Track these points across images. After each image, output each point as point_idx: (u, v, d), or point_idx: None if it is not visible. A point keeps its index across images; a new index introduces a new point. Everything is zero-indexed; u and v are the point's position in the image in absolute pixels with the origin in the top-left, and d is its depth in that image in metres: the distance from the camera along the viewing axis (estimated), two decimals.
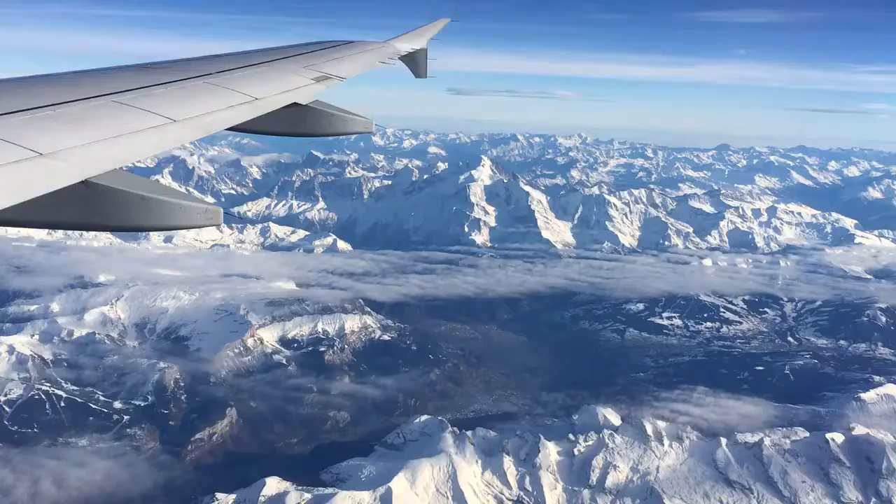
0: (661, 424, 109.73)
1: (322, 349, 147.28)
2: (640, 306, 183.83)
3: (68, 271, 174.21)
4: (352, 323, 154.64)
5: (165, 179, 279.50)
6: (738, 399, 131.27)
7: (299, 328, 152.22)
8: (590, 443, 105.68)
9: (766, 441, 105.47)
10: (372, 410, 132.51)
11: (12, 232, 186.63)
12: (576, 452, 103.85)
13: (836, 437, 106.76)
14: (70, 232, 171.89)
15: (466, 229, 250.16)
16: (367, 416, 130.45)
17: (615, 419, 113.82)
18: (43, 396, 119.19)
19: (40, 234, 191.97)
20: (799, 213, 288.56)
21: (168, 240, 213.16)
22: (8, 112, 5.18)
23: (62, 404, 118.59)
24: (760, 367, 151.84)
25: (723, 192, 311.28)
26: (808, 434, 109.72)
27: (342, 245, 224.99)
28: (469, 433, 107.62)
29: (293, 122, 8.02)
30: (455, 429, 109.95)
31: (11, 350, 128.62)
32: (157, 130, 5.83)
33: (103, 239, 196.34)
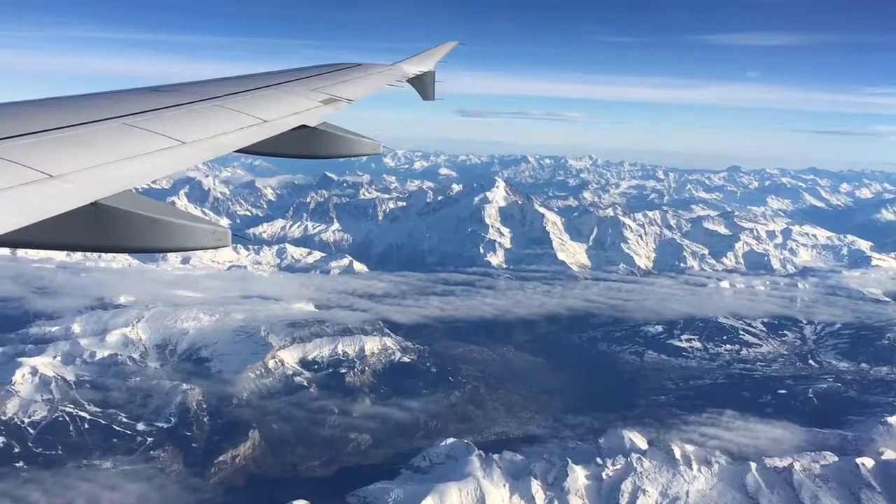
0: (689, 448, 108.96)
1: (342, 371, 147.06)
2: (659, 328, 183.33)
3: (89, 292, 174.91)
4: (372, 345, 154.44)
5: (181, 201, 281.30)
6: (768, 423, 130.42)
7: (319, 350, 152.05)
8: (618, 467, 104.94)
9: (796, 466, 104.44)
10: (393, 433, 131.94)
11: (32, 253, 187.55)
12: (604, 476, 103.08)
13: (866, 462, 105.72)
14: (88, 253, 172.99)
15: (482, 251, 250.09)
16: (389, 439, 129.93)
17: (641, 443, 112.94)
18: (67, 418, 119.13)
19: (60, 256, 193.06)
20: (814, 235, 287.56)
21: (186, 261, 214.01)
22: (19, 134, 5.18)
23: (86, 426, 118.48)
24: (783, 391, 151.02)
25: (736, 213, 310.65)
26: (836, 459, 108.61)
27: (358, 266, 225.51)
28: (496, 456, 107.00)
29: (301, 143, 8.04)
30: (481, 452, 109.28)
31: (35, 372, 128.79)
32: (167, 152, 5.85)
33: (122, 260, 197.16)
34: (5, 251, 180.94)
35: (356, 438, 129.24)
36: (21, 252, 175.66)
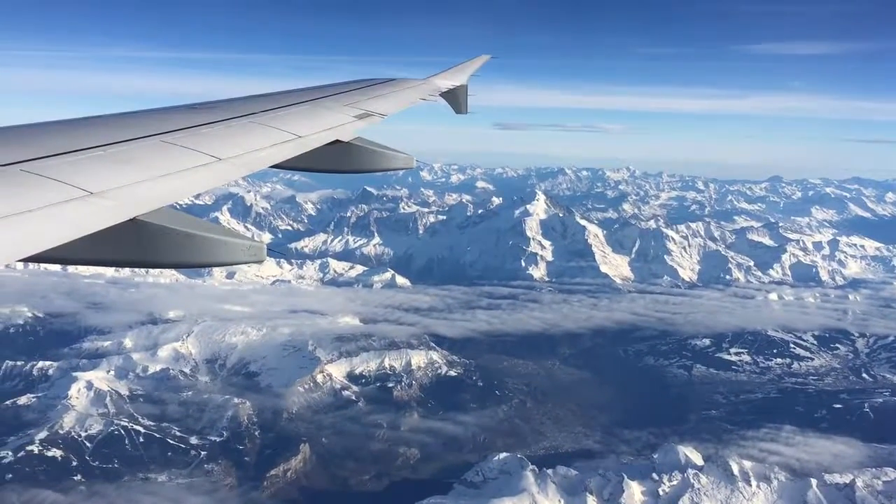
0: (748, 464, 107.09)
1: (390, 385, 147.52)
2: (707, 342, 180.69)
3: (139, 307, 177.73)
4: (418, 359, 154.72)
5: (224, 216, 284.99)
6: (828, 438, 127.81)
7: (366, 364, 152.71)
8: (674, 482, 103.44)
9: (858, 482, 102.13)
10: (442, 447, 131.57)
11: (83, 269, 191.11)
12: (660, 493, 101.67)
13: None
14: (134, 268, 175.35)
15: (523, 264, 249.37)
16: (438, 453, 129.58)
17: (697, 458, 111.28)
18: (122, 432, 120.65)
19: (109, 271, 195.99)
20: (862, 246, 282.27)
21: (231, 276, 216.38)
22: (60, 152, 5.27)
23: (141, 439, 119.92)
24: (838, 405, 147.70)
25: (781, 224, 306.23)
26: None
27: (401, 280, 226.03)
28: (550, 472, 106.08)
29: (336, 158, 8.12)
30: (535, 467, 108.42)
31: (90, 386, 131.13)
32: (204, 169, 5.92)
33: (170, 275, 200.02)
34: (57, 268, 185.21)
35: (405, 453, 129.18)
36: (72, 268, 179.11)
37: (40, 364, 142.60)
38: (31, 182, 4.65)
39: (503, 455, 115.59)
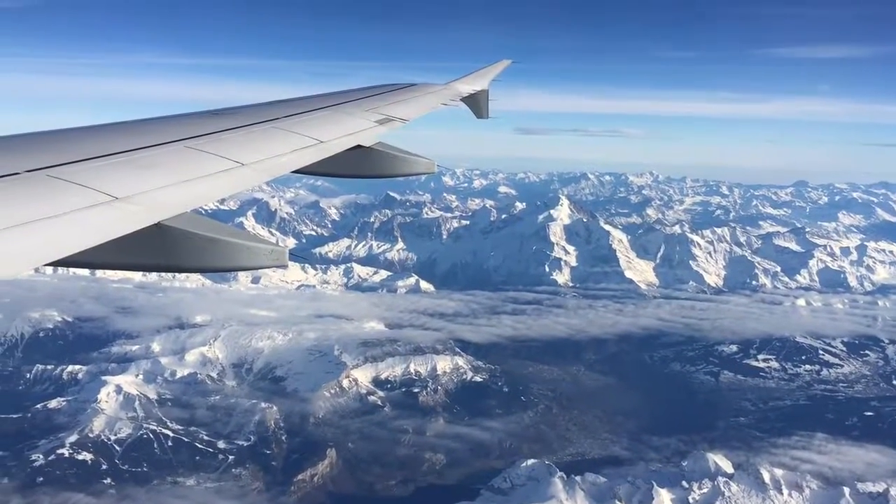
0: (779, 472, 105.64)
1: (415, 390, 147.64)
2: (734, 348, 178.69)
3: (166, 312, 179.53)
4: (443, 364, 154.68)
5: (249, 221, 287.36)
6: (861, 447, 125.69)
7: (392, 369, 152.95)
8: (704, 490, 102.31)
9: (892, 491, 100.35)
10: (468, 453, 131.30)
11: (111, 274, 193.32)
12: (690, 500, 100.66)
13: None
14: (161, 273, 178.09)
15: (547, 269, 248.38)
16: (464, 459, 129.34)
17: (727, 466, 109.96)
18: (151, 435, 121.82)
19: (137, 276, 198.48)
20: (891, 252, 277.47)
21: (256, 281, 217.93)
22: (86, 158, 5.34)
23: (169, 443, 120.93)
24: (869, 413, 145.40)
25: (808, 229, 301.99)
26: None
27: (425, 285, 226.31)
28: (578, 478, 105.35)
29: (357, 164, 8.16)
30: (563, 474, 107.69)
31: (119, 390, 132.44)
32: (226, 174, 5.99)
33: (197, 280, 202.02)
34: (85, 272, 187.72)
35: (431, 458, 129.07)
36: (100, 273, 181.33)
37: (70, 368, 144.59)
38: (58, 187, 4.70)
39: (531, 461, 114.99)
